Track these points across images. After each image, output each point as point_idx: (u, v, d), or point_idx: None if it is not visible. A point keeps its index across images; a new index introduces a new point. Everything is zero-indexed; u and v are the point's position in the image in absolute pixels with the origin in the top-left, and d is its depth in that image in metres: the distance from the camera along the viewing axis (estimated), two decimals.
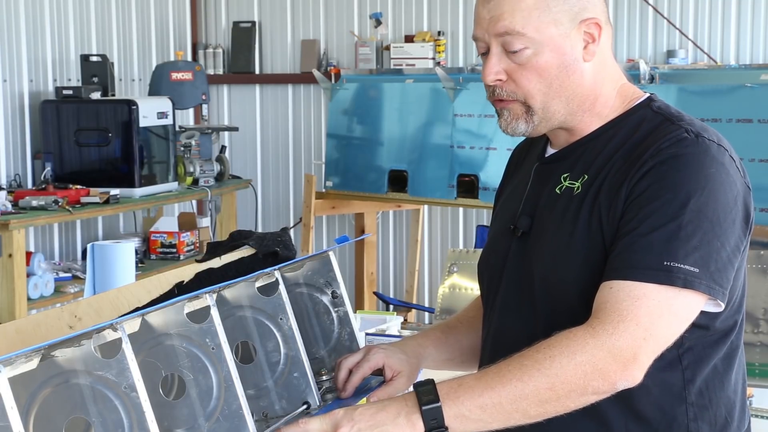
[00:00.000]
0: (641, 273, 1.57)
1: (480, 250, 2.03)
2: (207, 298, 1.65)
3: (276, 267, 1.89)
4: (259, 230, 4.29)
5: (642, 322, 1.56)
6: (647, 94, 1.79)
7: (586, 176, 1.72)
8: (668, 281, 1.57)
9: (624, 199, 1.64)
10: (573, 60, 1.71)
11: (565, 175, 1.75)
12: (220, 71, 7.18)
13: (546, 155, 1.83)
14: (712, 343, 1.69)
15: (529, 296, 1.74)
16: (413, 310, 6.14)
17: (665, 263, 1.57)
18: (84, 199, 5.27)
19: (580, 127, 1.76)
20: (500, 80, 1.72)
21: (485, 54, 1.74)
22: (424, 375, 2.99)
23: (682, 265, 1.57)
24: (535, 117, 1.73)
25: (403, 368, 1.88)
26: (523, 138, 1.93)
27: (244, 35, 7.14)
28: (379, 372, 1.90)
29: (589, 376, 1.54)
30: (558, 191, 1.75)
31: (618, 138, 1.73)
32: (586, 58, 1.72)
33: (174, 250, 6.15)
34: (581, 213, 1.69)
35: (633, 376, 1.56)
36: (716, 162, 1.64)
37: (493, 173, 5.32)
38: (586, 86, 1.73)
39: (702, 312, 1.63)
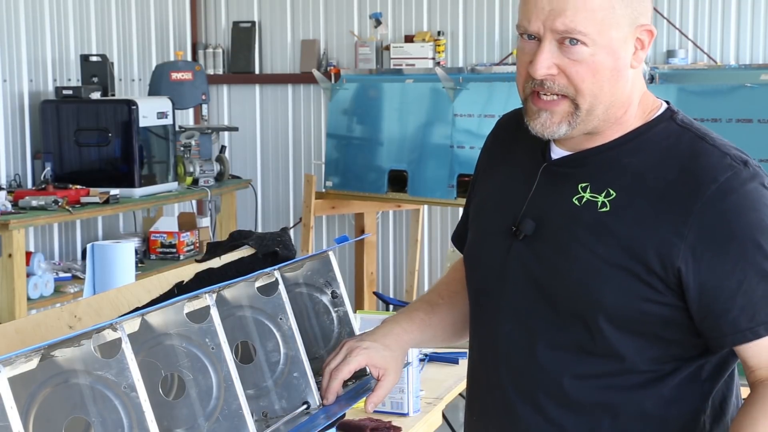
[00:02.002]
0: None
1: None
2: (207, 298, 1.65)
3: (276, 267, 1.89)
4: (259, 230, 4.29)
5: None
6: (664, 104, 1.74)
7: (614, 193, 1.65)
8: None
9: (691, 240, 1.59)
10: (624, 65, 1.65)
11: (584, 185, 1.68)
12: (220, 71, 7.18)
13: (553, 155, 1.74)
14: (726, 355, 1.69)
15: (545, 308, 1.69)
16: None
17: None
18: (84, 199, 5.27)
19: (603, 131, 1.69)
20: (551, 75, 1.64)
21: (530, 39, 1.65)
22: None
23: None
24: (578, 119, 1.65)
25: (389, 365, 1.84)
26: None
27: (244, 35, 7.13)
28: (364, 372, 1.89)
29: None
30: (577, 202, 1.67)
31: (646, 153, 1.67)
32: (634, 65, 1.67)
33: (174, 250, 6.14)
34: (618, 237, 1.63)
35: None
36: (767, 185, 1.64)
37: None
38: (627, 93, 1.67)
39: None
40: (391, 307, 5.62)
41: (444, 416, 3.47)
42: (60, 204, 5.09)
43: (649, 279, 1.61)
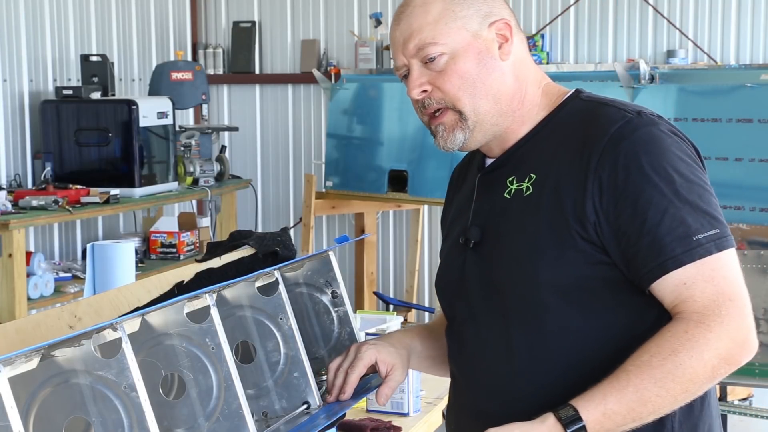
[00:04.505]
0: (686, 255, 1.60)
1: None
2: (207, 298, 1.65)
3: (276, 267, 1.89)
4: (259, 230, 4.29)
5: (733, 296, 1.60)
6: (572, 90, 1.81)
7: (534, 176, 1.73)
8: (717, 248, 1.61)
9: (597, 193, 1.65)
10: (490, 58, 1.74)
11: (511, 178, 1.76)
12: (220, 71, 7.18)
13: (486, 166, 1.84)
14: None
15: (499, 304, 1.74)
16: (413, 310, 6.14)
17: (694, 238, 1.61)
18: (84, 199, 5.27)
19: (512, 128, 1.78)
20: (425, 91, 1.75)
21: (406, 77, 1.77)
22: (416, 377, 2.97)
23: (708, 232, 1.62)
24: (469, 121, 1.75)
25: (396, 360, 1.88)
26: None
27: (244, 35, 7.13)
28: (373, 368, 1.90)
29: (717, 367, 1.59)
30: (507, 196, 1.76)
31: (557, 133, 1.75)
32: (503, 58, 1.75)
33: (174, 250, 6.14)
34: (541, 212, 1.69)
35: (753, 348, 1.61)
36: (666, 130, 1.69)
37: None
38: (509, 85, 1.76)
39: None
40: (391, 307, 5.62)
41: (444, 416, 3.48)
42: (60, 204, 5.09)
43: (575, 242, 1.66)
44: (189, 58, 7.06)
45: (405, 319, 5.02)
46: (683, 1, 6.13)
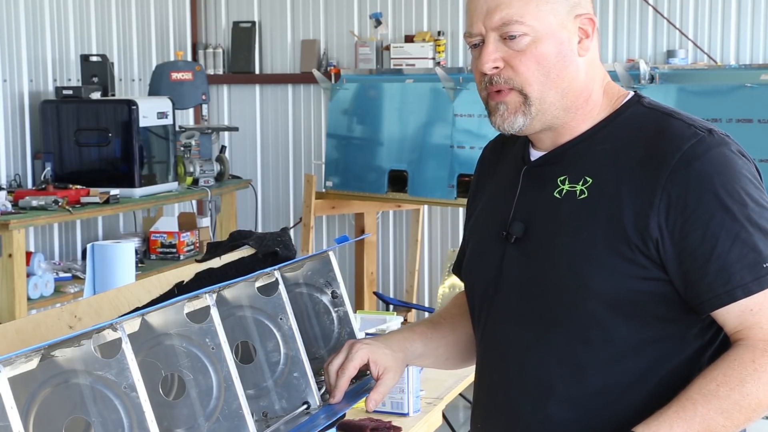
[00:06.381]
0: (756, 284, 1.59)
1: None
2: (207, 298, 1.65)
3: (276, 267, 1.89)
4: (259, 230, 4.29)
5: None
6: (632, 93, 1.78)
7: (590, 180, 1.69)
8: None
9: (663, 210, 1.62)
10: (570, 51, 1.70)
11: (563, 178, 1.72)
12: (220, 71, 7.18)
13: (532, 158, 1.79)
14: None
15: (540, 305, 1.70)
16: (413, 310, 6.14)
17: (765, 265, 1.60)
18: (84, 199, 5.27)
19: (570, 125, 1.74)
20: (497, 68, 1.70)
21: (477, 46, 1.73)
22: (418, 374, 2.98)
23: None
24: (532, 108, 1.70)
25: (389, 363, 1.84)
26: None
27: (244, 35, 7.13)
28: (364, 372, 1.88)
29: None
30: (558, 195, 1.71)
31: (617, 138, 1.71)
32: (581, 53, 1.72)
33: (174, 250, 6.14)
34: (598, 220, 1.66)
35: None
36: (736, 150, 1.67)
37: None
38: (580, 81, 1.72)
39: None
40: (391, 307, 5.62)
41: (444, 416, 3.48)
42: (60, 204, 5.09)
43: (633, 255, 1.63)
44: (189, 58, 7.06)
45: (405, 319, 5.02)
46: (683, 1, 6.13)
